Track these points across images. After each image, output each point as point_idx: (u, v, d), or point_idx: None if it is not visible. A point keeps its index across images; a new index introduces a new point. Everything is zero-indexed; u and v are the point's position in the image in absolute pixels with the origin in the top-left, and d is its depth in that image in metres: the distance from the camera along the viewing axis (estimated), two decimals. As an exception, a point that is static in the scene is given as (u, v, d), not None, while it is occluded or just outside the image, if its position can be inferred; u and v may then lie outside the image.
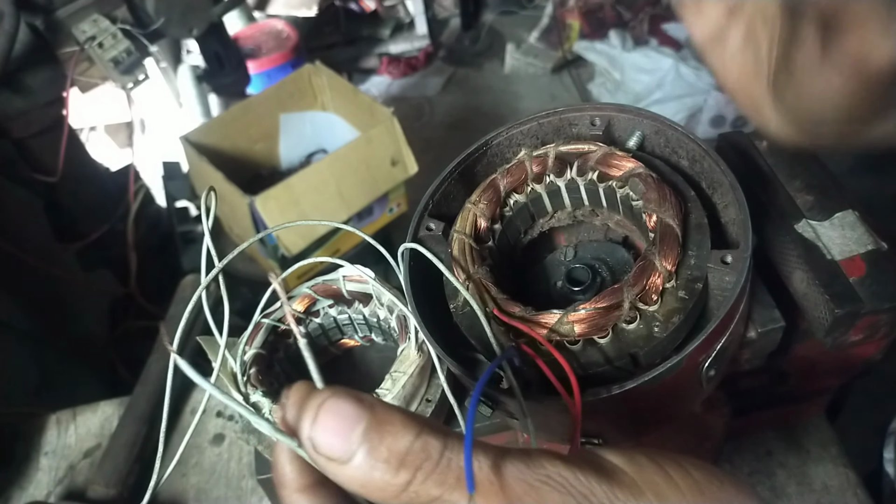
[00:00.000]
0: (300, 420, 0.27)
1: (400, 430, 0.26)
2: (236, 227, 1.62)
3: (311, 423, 0.27)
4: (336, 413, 0.26)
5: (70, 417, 0.87)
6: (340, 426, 0.26)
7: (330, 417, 0.26)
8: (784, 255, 0.53)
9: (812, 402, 0.71)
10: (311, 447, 0.27)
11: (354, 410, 0.26)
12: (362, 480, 0.26)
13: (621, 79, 2.47)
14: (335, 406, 0.27)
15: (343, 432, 0.26)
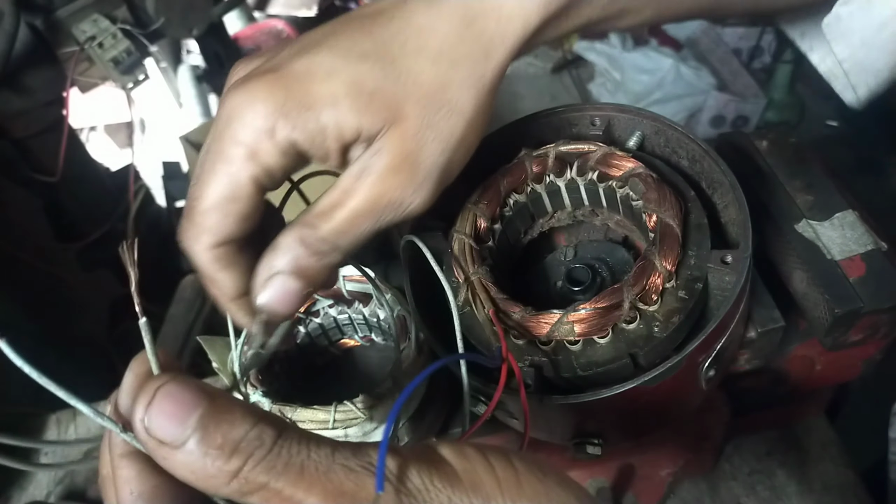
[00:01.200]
0: (136, 401, 0.27)
1: (238, 419, 0.26)
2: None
3: (145, 405, 0.26)
4: (173, 397, 0.26)
5: (70, 417, 0.87)
6: (176, 410, 0.26)
7: (167, 401, 0.26)
8: (784, 255, 0.53)
9: (812, 402, 0.71)
10: (143, 430, 0.26)
11: (193, 397, 0.26)
12: (193, 466, 0.26)
13: (621, 79, 2.47)
14: (173, 390, 0.27)
15: (178, 416, 0.26)
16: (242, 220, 0.39)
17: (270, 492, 0.26)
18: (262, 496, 0.26)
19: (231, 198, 0.38)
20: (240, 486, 0.26)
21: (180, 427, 0.26)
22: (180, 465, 0.26)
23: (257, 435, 0.26)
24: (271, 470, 0.26)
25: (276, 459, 0.26)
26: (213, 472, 0.26)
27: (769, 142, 0.59)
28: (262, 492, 0.26)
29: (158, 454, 0.26)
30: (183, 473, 0.26)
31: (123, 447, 0.28)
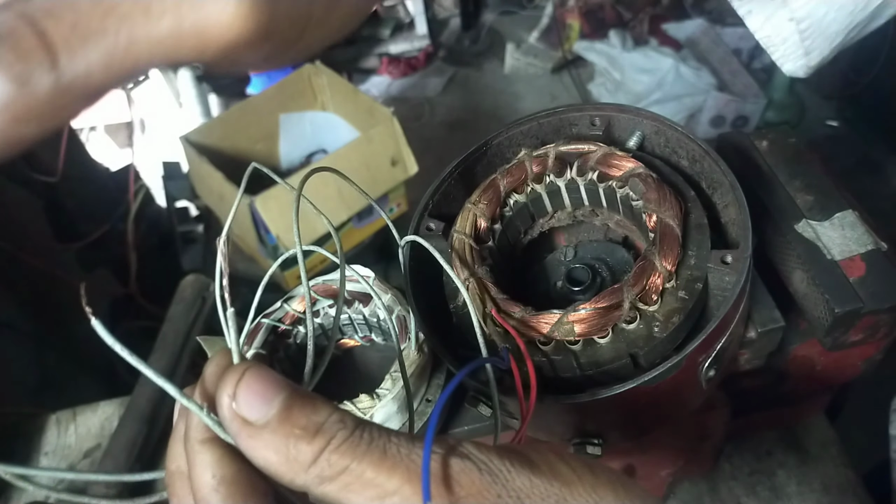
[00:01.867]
0: (223, 379, 0.27)
1: (319, 404, 0.27)
2: (236, 228, 1.62)
3: (234, 384, 0.27)
4: (260, 378, 0.27)
5: (70, 417, 0.87)
6: (263, 390, 0.26)
7: (254, 380, 0.27)
8: (784, 255, 0.53)
9: (812, 401, 0.71)
10: (230, 407, 0.26)
11: (277, 381, 0.27)
12: (276, 446, 0.26)
13: (621, 79, 2.47)
14: (259, 372, 0.27)
15: (265, 396, 0.26)
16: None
17: (352, 475, 0.26)
18: (343, 481, 0.26)
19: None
20: (320, 469, 0.26)
21: (266, 405, 0.26)
22: (263, 445, 0.26)
23: (339, 418, 0.27)
24: (354, 451, 0.26)
25: (359, 441, 0.26)
26: (295, 453, 0.26)
27: (769, 142, 0.59)
28: (342, 476, 0.26)
29: (243, 434, 0.26)
30: (264, 455, 0.26)
31: (204, 433, 0.27)
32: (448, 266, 0.45)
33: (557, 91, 2.73)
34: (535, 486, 0.27)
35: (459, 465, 0.27)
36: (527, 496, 0.26)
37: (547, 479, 0.27)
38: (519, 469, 0.27)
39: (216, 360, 0.29)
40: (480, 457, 0.27)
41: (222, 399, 0.27)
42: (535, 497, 0.27)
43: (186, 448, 0.28)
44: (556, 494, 0.27)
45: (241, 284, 1.64)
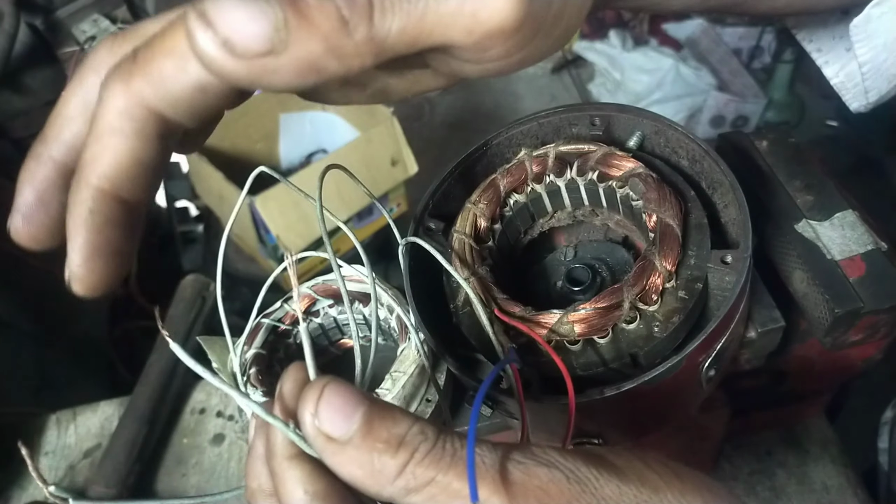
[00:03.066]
0: (304, 396, 0.27)
1: (399, 416, 0.27)
2: (236, 227, 1.62)
3: (315, 401, 0.27)
4: (339, 394, 0.27)
5: (70, 417, 0.87)
6: (344, 405, 0.27)
7: (334, 397, 0.27)
8: (784, 255, 0.53)
9: (812, 401, 0.71)
10: (313, 424, 0.27)
11: (355, 395, 0.27)
12: (361, 461, 0.26)
13: (621, 79, 2.47)
14: (337, 388, 0.27)
15: (345, 411, 0.26)
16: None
17: (438, 486, 0.26)
18: (429, 493, 0.26)
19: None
20: (406, 482, 0.26)
21: (347, 422, 0.26)
22: (348, 461, 0.26)
23: (420, 430, 0.27)
24: (438, 462, 0.26)
25: (442, 453, 0.26)
26: (380, 467, 0.26)
27: (769, 142, 0.59)
28: (428, 487, 0.26)
29: (327, 451, 0.27)
30: (350, 470, 0.26)
31: (290, 449, 0.28)
32: (449, 265, 0.45)
33: (557, 91, 2.73)
34: (623, 494, 0.27)
35: (548, 475, 0.26)
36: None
37: (635, 486, 0.27)
38: (607, 476, 0.27)
39: (292, 375, 0.29)
40: (567, 465, 0.27)
41: (304, 417, 0.27)
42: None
43: (272, 465, 0.28)
44: (645, 502, 0.27)
45: (242, 284, 1.65)
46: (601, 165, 0.49)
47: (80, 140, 0.31)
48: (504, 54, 0.32)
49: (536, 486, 0.26)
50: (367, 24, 0.27)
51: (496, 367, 0.35)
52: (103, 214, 0.30)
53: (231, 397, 0.86)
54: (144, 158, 0.30)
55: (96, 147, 0.29)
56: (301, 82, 0.27)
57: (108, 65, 0.30)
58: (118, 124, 0.29)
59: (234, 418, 0.85)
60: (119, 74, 0.29)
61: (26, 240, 0.33)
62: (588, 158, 0.50)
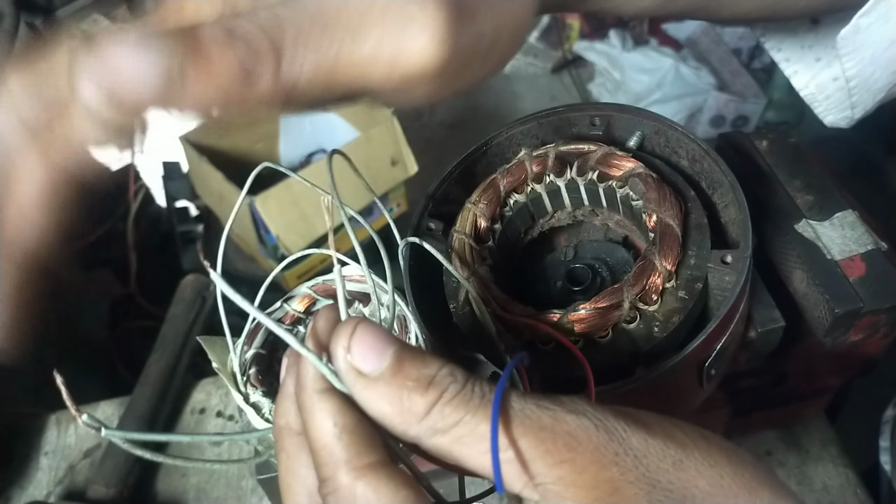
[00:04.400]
0: (337, 332, 0.27)
1: (429, 359, 0.27)
2: (236, 227, 1.62)
3: (348, 336, 0.27)
4: (371, 332, 0.27)
5: (70, 417, 0.87)
6: (377, 343, 0.27)
7: (367, 334, 0.27)
8: (784, 255, 0.53)
9: (812, 401, 0.71)
10: (345, 359, 0.27)
11: (388, 336, 0.27)
12: (390, 398, 0.26)
13: (621, 79, 2.47)
14: (372, 327, 0.27)
15: (377, 349, 0.27)
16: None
17: (465, 427, 0.26)
18: (456, 434, 0.26)
19: None
20: (433, 422, 0.26)
21: (379, 358, 0.27)
22: (378, 396, 0.26)
23: (450, 371, 0.27)
24: (467, 404, 0.26)
25: (471, 394, 0.27)
26: (409, 405, 0.26)
27: (769, 142, 0.59)
28: (455, 428, 0.26)
29: (358, 385, 0.27)
30: (379, 406, 0.27)
31: (322, 383, 0.27)
32: (450, 265, 0.45)
33: (557, 91, 2.73)
34: (650, 447, 0.27)
35: (576, 422, 0.26)
36: (644, 455, 0.26)
37: (662, 441, 0.27)
38: (634, 428, 0.27)
39: (325, 314, 0.29)
40: (597, 414, 0.27)
41: (337, 351, 0.27)
42: (651, 457, 0.26)
43: (302, 399, 0.28)
44: (671, 456, 0.27)
45: (242, 284, 1.64)
46: (601, 165, 0.49)
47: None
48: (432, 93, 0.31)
49: (565, 430, 0.26)
50: (273, 74, 0.27)
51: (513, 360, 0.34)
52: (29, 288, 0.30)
53: (231, 398, 0.86)
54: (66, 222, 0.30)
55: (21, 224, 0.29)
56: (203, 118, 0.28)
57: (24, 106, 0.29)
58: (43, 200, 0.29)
59: (233, 418, 0.85)
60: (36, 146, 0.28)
61: None
62: (588, 158, 0.50)
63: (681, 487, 0.26)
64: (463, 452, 0.26)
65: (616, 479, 0.25)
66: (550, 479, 0.25)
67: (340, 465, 0.26)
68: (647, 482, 0.26)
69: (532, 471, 0.26)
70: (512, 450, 0.26)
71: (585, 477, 0.25)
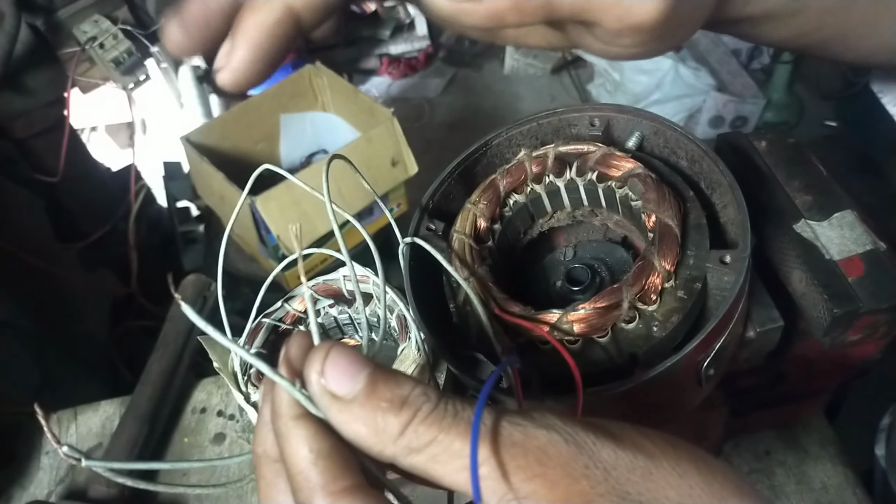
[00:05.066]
0: (310, 358, 0.28)
1: (401, 379, 0.28)
2: (237, 228, 1.62)
3: (321, 361, 0.28)
4: (344, 356, 0.28)
5: (71, 417, 0.87)
6: (350, 367, 0.27)
7: (340, 358, 0.28)
8: (783, 255, 0.54)
9: (811, 401, 0.71)
10: (319, 383, 0.27)
11: (360, 358, 0.28)
12: (365, 419, 0.27)
13: (620, 79, 2.47)
14: (344, 350, 0.28)
15: (350, 372, 0.27)
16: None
17: (440, 446, 0.26)
18: (430, 452, 0.26)
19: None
20: (408, 441, 0.26)
21: (353, 381, 0.27)
22: (352, 418, 0.27)
23: (423, 391, 0.27)
24: (441, 422, 0.27)
25: (444, 413, 0.27)
26: (383, 426, 0.27)
27: (768, 142, 0.59)
28: (430, 447, 0.26)
29: (333, 409, 0.27)
30: (354, 428, 0.27)
31: (296, 409, 0.28)
32: (449, 265, 0.46)
33: (557, 92, 2.73)
34: (619, 459, 0.27)
35: (546, 437, 0.27)
36: (613, 467, 0.27)
37: (631, 453, 0.27)
38: (603, 441, 0.27)
39: (297, 340, 0.30)
40: (566, 428, 0.27)
41: (311, 376, 0.28)
42: (620, 469, 0.27)
43: (278, 426, 0.28)
44: (640, 467, 0.27)
45: (242, 284, 1.65)
46: (600, 166, 0.49)
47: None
48: (632, 44, 0.38)
49: (535, 446, 0.26)
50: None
51: (497, 369, 0.35)
52: (284, 27, 0.36)
53: (232, 397, 0.86)
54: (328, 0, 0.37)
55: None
56: (485, 25, 0.35)
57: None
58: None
59: (234, 418, 0.85)
60: None
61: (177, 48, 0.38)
62: (587, 159, 0.50)
63: (650, 498, 0.26)
64: (438, 470, 0.27)
65: (587, 492, 0.26)
66: (523, 493, 0.26)
67: (316, 490, 0.26)
68: (617, 494, 0.26)
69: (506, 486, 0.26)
70: (485, 467, 0.26)
71: (557, 491, 0.26)
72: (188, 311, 0.27)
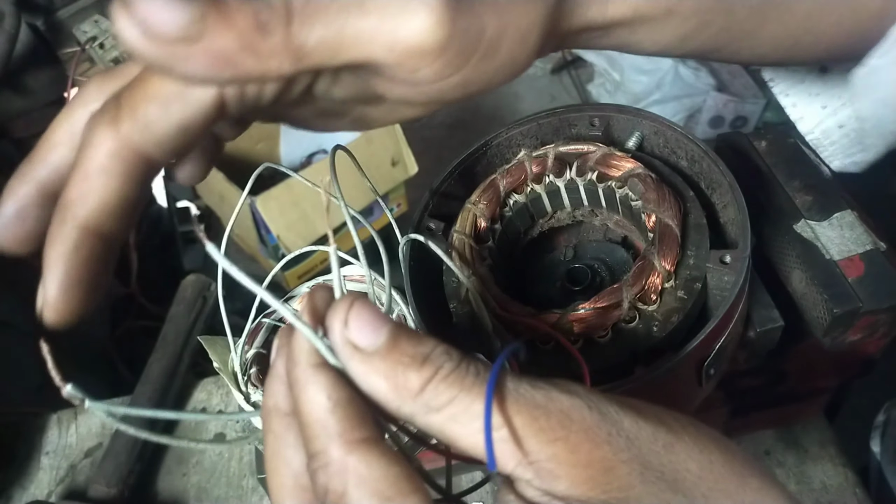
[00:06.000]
0: (334, 307, 0.27)
1: (424, 338, 0.27)
2: (237, 227, 1.62)
3: (346, 310, 0.27)
4: (370, 309, 0.27)
5: (71, 417, 0.87)
6: (374, 319, 0.27)
7: (365, 310, 0.27)
8: (783, 255, 0.54)
9: (811, 401, 0.71)
10: (342, 333, 0.27)
11: (383, 314, 0.27)
12: (386, 373, 0.26)
13: (620, 79, 2.47)
14: (368, 304, 0.27)
15: (374, 324, 0.27)
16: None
17: (459, 406, 0.26)
18: (450, 412, 0.26)
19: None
20: (427, 399, 0.26)
21: (376, 333, 0.27)
22: (373, 370, 0.26)
23: (445, 350, 0.27)
24: (461, 382, 0.26)
25: (466, 372, 0.27)
26: (404, 381, 0.26)
27: (768, 142, 0.59)
28: (449, 406, 0.26)
29: (354, 359, 0.27)
30: (374, 381, 0.27)
31: (316, 358, 0.27)
32: (451, 263, 0.46)
33: (557, 92, 2.73)
34: (642, 429, 0.27)
35: (570, 401, 0.27)
36: (636, 437, 0.26)
37: (654, 425, 0.27)
38: (627, 411, 0.27)
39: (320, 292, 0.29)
40: (591, 396, 0.27)
41: (334, 325, 0.27)
42: (643, 439, 0.27)
43: (295, 374, 0.28)
44: (663, 439, 0.27)
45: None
46: (600, 166, 0.49)
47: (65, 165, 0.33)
48: (436, 76, 0.32)
49: (558, 409, 0.26)
50: (284, 30, 0.28)
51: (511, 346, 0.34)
52: (86, 250, 0.32)
53: (232, 397, 0.86)
54: (129, 197, 0.32)
55: (84, 185, 0.31)
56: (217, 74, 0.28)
57: (96, 101, 0.32)
58: (107, 164, 0.30)
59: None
60: (106, 117, 0.30)
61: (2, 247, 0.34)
62: (587, 159, 0.50)
63: (672, 470, 0.26)
64: (456, 431, 0.26)
65: (609, 459, 0.26)
66: (544, 456, 0.26)
67: (333, 438, 0.26)
68: (640, 463, 0.26)
69: (525, 448, 0.26)
70: (506, 428, 0.26)
71: (579, 455, 0.26)
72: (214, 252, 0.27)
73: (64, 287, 0.32)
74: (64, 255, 0.31)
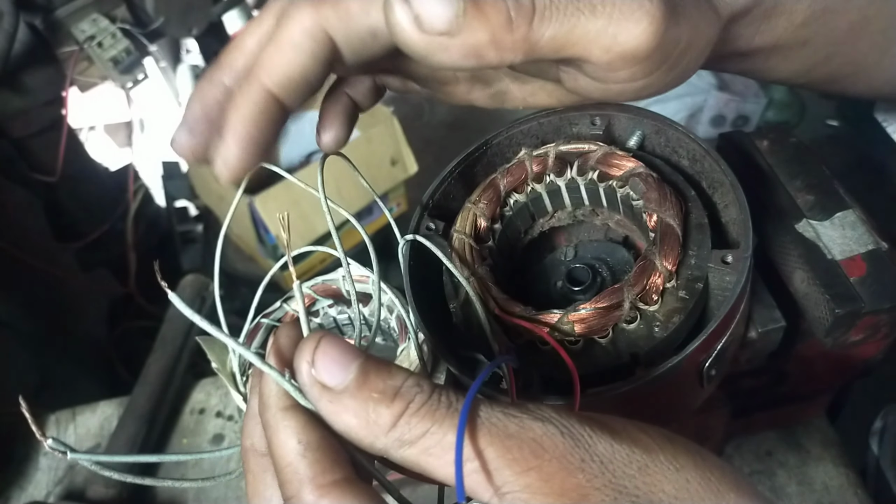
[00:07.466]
0: (300, 348, 0.27)
1: (394, 370, 0.27)
2: (236, 227, 1.62)
3: (311, 351, 0.27)
4: (337, 346, 0.27)
5: (69, 417, 0.87)
6: (341, 357, 0.27)
7: (331, 348, 0.27)
8: (784, 255, 0.53)
9: (812, 402, 0.71)
10: (309, 373, 0.27)
11: (352, 349, 0.27)
12: (356, 410, 0.26)
13: (621, 78, 2.47)
14: (335, 341, 0.27)
15: (342, 362, 0.27)
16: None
17: (432, 438, 0.26)
18: (423, 445, 0.26)
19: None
20: (400, 433, 0.26)
21: (344, 371, 0.26)
22: (343, 409, 0.26)
23: (416, 382, 0.27)
24: (434, 414, 0.26)
25: (438, 404, 0.26)
26: (375, 417, 0.26)
27: (770, 141, 0.59)
28: (422, 440, 0.26)
29: (323, 400, 0.27)
30: (345, 420, 0.26)
31: (285, 401, 0.27)
32: (450, 263, 0.45)
33: (557, 91, 2.72)
34: (616, 452, 0.27)
35: (542, 429, 0.26)
36: (610, 461, 0.26)
37: (628, 446, 0.27)
38: (600, 434, 0.27)
39: (286, 331, 0.29)
40: (563, 421, 0.27)
41: (301, 366, 0.27)
42: (617, 462, 0.26)
43: (266, 418, 0.28)
44: (637, 461, 0.27)
45: (241, 284, 1.65)
46: (601, 165, 0.49)
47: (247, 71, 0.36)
48: (629, 77, 0.36)
49: (531, 438, 0.26)
50: (527, 26, 0.32)
51: (490, 364, 0.35)
52: (268, 113, 0.36)
53: (230, 397, 0.86)
54: (311, 76, 0.36)
55: (276, 55, 0.34)
56: (462, 63, 0.32)
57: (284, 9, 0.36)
58: (300, 40, 0.34)
59: (233, 418, 0.85)
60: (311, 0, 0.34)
61: (187, 152, 0.38)
62: (588, 158, 0.50)
63: (647, 493, 0.26)
64: (431, 463, 0.26)
65: (583, 486, 0.25)
66: (518, 486, 0.25)
67: (304, 483, 0.26)
68: (614, 488, 0.26)
69: (499, 479, 0.25)
70: (478, 460, 0.25)
71: (552, 484, 0.25)
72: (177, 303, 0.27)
73: (243, 144, 0.36)
74: (247, 115, 0.35)
